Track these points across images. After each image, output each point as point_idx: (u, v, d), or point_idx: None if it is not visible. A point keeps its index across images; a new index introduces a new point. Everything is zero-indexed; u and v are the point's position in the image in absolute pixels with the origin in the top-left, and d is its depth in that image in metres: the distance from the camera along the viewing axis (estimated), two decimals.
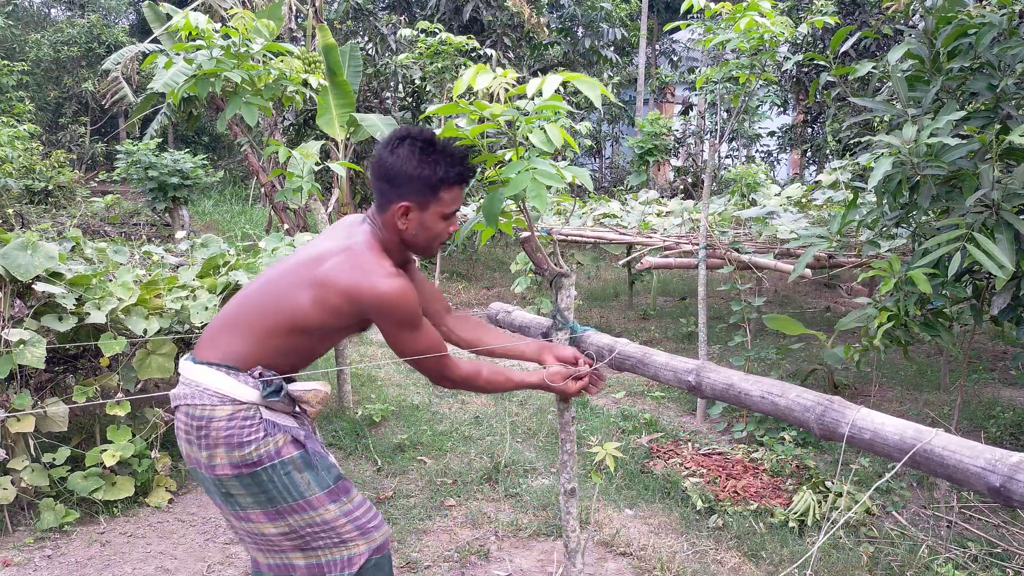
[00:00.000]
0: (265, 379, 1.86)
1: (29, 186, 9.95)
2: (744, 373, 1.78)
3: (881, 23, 6.07)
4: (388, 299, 1.79)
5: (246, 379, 1.86)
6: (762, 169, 7.68)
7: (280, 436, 1.86)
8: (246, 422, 1.84)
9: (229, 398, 1.84)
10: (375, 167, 1.90)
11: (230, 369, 1.86)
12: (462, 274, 10.33)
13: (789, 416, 1.62)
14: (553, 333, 2.21)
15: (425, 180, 1.84)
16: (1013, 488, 1.20)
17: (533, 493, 3.64)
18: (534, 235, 2.01)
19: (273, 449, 1.84)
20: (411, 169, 1.83)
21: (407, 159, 1.83)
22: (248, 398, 1.85)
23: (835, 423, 1.51)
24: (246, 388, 1.85)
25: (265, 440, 1.84)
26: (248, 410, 1.85)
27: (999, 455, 1.25)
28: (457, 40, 8.40)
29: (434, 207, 1.88)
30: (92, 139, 17.93)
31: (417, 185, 1.84)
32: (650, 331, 7.23)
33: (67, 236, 4.31)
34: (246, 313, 1.92)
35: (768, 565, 3.01)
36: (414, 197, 1.86)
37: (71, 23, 18.13)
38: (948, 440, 1.33)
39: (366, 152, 10.78)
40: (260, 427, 1.84)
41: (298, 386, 1.91)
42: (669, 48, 18.54)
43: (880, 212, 3.01)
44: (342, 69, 8.65)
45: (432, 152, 1.84)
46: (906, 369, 5.86)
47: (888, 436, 1.41)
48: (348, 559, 1.91)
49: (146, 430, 3.58)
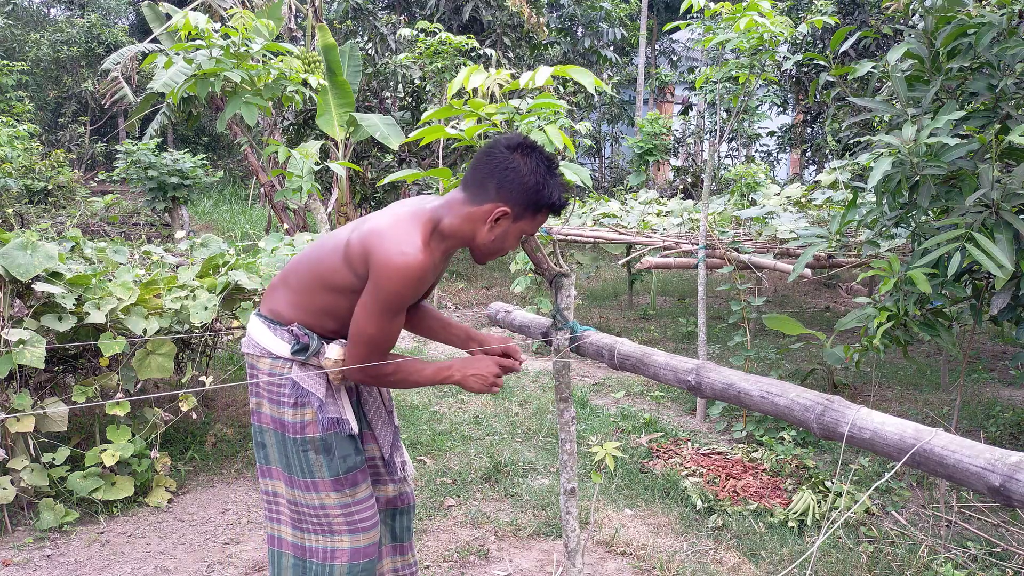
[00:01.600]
0: (295, 335, 1.89)
1: (29, 186, 9.95)
2: (744, 373, 1.78)
3: (881, 23, 6.07)
4: (390, 267, 1.73)
5: (283, 333, 1.90)
6: (762, 169, 7.69)
7: (309, 411, 1.89)
8: (283, 382, 1.90)
9: (267, 351, 1.91)
10: (492, 159, 1.80)
11: (271, 323, 1.92)
12: (462, 274, 10.33)
13: (789, 416, 1.62)
14: (553, 333, 2.21)
15: (535, 196, 1.79)
16: (1013, 488, 1.20)
17: (533, 493, 3.64)
18: (533, 235, 2.01)
19: (299, 422, 1.89)
20: (531, 180, 1.78)
21: (533, 169, 1.78)
22: (281, 352, 1.90)
23: (835, 423, 1.51)
24: (280, 343, 1.90)
25: (295, 411, 1.89)
26: (284, 367, 1.90)
27: (999, 455, 1.25)
28: (457, 40, 8.39)
29: (524, 223, 1.84)
30: (92, 139, 17.93)
31: (526, 197, 1.79)
32: (650, 331, 7.23)
33: (67, 236, 4.31)
34: (295, 269, 1.96)
35: (768, 565, 3.01)
36: (517, 207, 1.80)
37: (71, 23, 18.13)
38: (948, 440, 1.33)
39: (366, 152, 10.77)
40: (293, 393, 1.89)
41: (324, 350, 1.92)
42: (669, 48, 18.55)
43: (880, 212, 3.01)
44: (342, 69, 8.66)
45: (553, 174, 1.81)
46: (906, 369, 5.86)
47: (888, 436, 1.41)
48: (331, 551, 1.95)
49: (146, 430, 3.57)
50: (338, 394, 1.96)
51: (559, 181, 1.83)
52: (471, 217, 1.82)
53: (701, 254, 4.68)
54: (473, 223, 1.82)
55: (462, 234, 1.84)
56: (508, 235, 1.85)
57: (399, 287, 1.74)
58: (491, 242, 1.85)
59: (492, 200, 1.79)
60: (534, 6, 12.41)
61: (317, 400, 1.90)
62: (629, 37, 15.06)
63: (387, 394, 2.18)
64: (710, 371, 1.84)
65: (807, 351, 6.28)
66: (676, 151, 14.79)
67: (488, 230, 1.82)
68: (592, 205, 7.49)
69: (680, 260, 5.53)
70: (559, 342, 2.19)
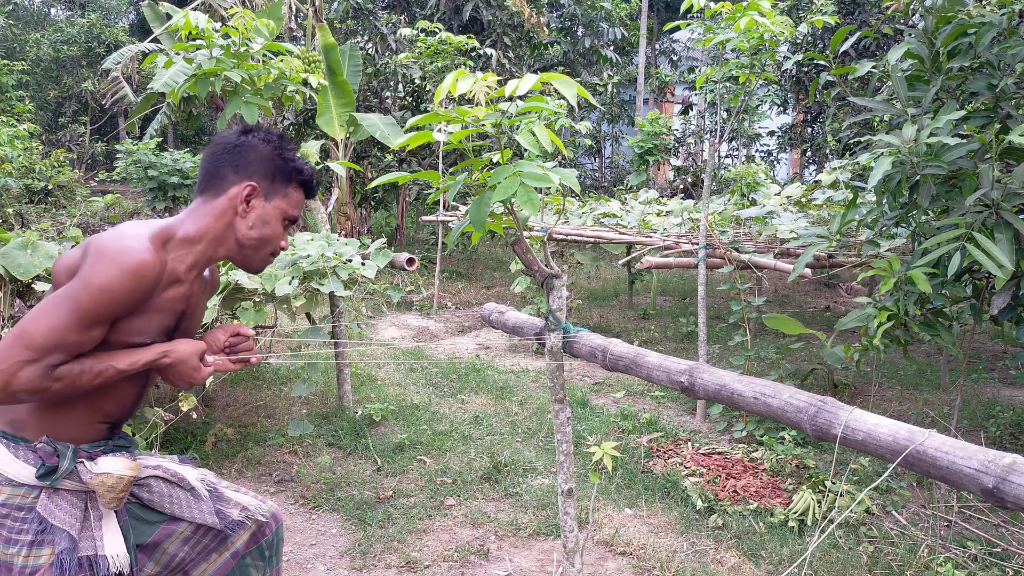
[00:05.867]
0: (40, 454, 1.50)
1: (29, 186, 9.96)
2: (737, 374, 1.77)
3: (881, 23, 6.07)
4: (105, 254, 1.44)
5: (25, 453, 1.50)
6: (762, 169, 7.69)
7: (46, 553, 1.48)
8: (19, 512, 1.49)
9: (4, 477, 1.49)
10: (218, 149, 1.63)
11: (10, 440, 1.52)
12: (462, 274, 10.33)
13: (783, 417, 1.62)
14: (546, 335, 2.20)
15: (277, 162, 1.65)
16: (1006, 490, 1.20)
17: (533, 492, 3.64)
18: (523, 237, 1.99)
19: (30, 567, 1.47)
20: (267, 149, 1.64)
21: (264, 139, 1.65)
22: (21, 478, 1.49)
23: (828, 424, 1.51)
24: (21, 465, 1.49)
25: (29, 551, 1.48)
26: (25, 496, 1.49)
27: (992, 456, 1.25)
28: (457, 40, 8.40)
29: (279, 200, 1.66)
30: (92, 139, 17.94)
31: (269, 165, 1.64)
32: (650, 331, 7.23)
33: (67, 236, 4.31)
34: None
35: (768, 565, 3.01)
36: (263, 180, 1.63)
37: (71, 23, 18.15)
38: (941, 441, 1.33)
39: (366, 152, 10.78)
40: (30, 527, 1.49)
41: (92, 467, 1.53)
42: (669, 48, 18.55)
43: (880, 212, 3.01)
44: (342, 69, 8.66)
45: (289, 145, 1.69)
46: (906, 369, 5.86)
47: (881, 437, 1.41)
48: None
49: (146, 429, 3.58)
50: (100, 522, 1.56)
51: (300, 154, 1.71)
52: (217, 211, 1.61)
53: (701, 254, 4.68)
54: (223, 216, 1.62)
55: (214, 234, 1.61)
56: (268, 219, 1.65)
57: (107, 280, 1.42)
58: (252, 231, 1.63)
59: (234, 183, 1.62)
60: (534, 6, 12.41)
61: (66, 539, 1.49)
62: (629, 37, 15.07)
63: (185, 469, 1.78)
64: (703, 372, 1.83)
65: (807, 351, 6.28)
66: (676, 151, 14.78)
67: (243, 218, 1.62)
68: (592, 205, 7.49)
69: (680, 260, 5.53)
70: (552, 344, 2.19)
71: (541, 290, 6.88)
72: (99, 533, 1.55)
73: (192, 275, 1.61)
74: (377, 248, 4.24)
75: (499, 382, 5.50)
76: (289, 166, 1.66)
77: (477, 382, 5.50)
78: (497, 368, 5.99)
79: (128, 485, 1.55)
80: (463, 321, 7.77)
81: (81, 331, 1.43)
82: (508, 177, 1.77)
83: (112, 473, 1.52)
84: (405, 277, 9.03)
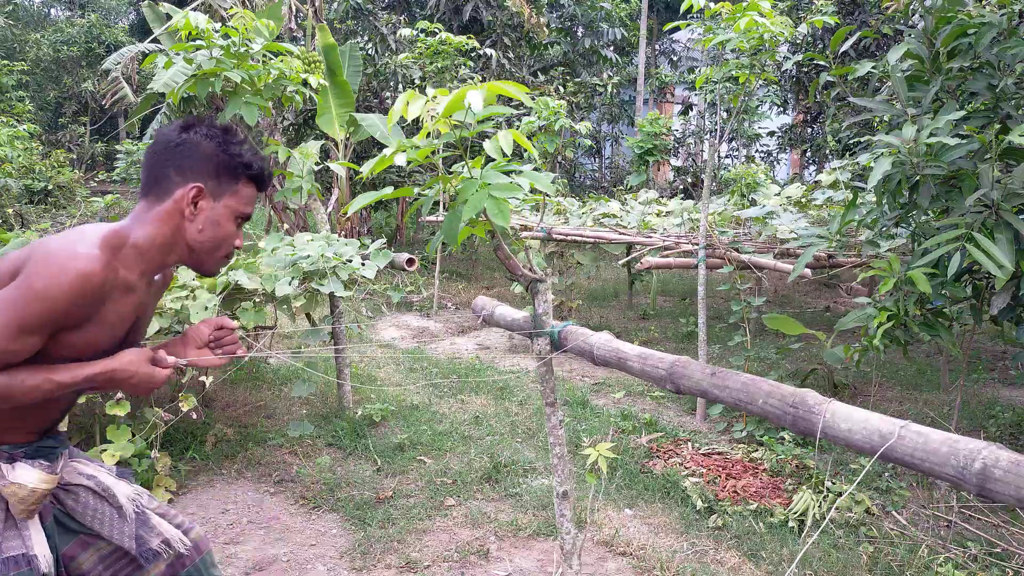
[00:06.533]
0: None
1: (29, 186, 9.95)
2: (711, 377, 1.76)
3: (881, 23, 6.07)
4: (50, 261, 1.37)
5: None
6: (762, 169, 7.69)
7: None
8: None
9: None
10: (158, 149, 1.54)
11: None
12: (462, 274, 10.33)
13: (766, 414, 1.64)
14: (533, 340, 2.20)
15: (222, 158, 1.55)
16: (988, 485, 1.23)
17: (533, 493, 3.64)
18: (502, 244, 1.98)
19: None
20: (209, 145, 1.54)
21: (207, 135, 1.55)
22: None
23: (808, 425, 1.54)
24: None
25: None
26: None
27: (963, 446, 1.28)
28: (457, 40, 8.40)
29: (228, 199, 1.57)
30: (92, 139, 17.95)
31: (213, 163, 1.54)
32: (650, 331, 7.23)
33: None
34: None
35: (768, 565, 3.01)
36: (209, 179, 1.54)
37: (71, 23, 18.16)
38: (916, 431, 1.37)
39: (366, 152, 10.78)
40: None
41: (8, 472, 1.47)
42: (669, 48, 18.56)
43: (880, 212, 3.01)
44: (342, 69, 8.66)
45: (235, 138, 1.59)
46: (906, 369, 5.86)
47: (857, 439, 1.44)
48: None
49: (146, 430, 3.58)
50: (23, 524, 1.50)
51: (248, 146, 1.60)
52: (164, 216, 1.53)
53: (701, 254, 4.68)
54: (171, 221, 1.53)
55: (163, 240, 1.53)
56: (219, 220, 1.56)
57: (47, 286, 1.35)
58: (202, 234, 1.55)
59: (178, 185, 1.53)
60: (534, 6, 12.42)
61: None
62: (629, 37, 15.08)
63: (119, 485, 1.69)
64: (682, 376, 1.83)
65: (807, 351, 6.28)
66: (676, 151, 14.79)
67: (191, 222, 1.54)
68: (592, 205, 7.49)
69: (680, 260, 5.53)
70: (540, 348, 2.18)
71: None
72: (27, 532, 1.49)
73: (144, 282, 1.56)
74: (377, 248, 4.24)
75: (499, 382, 5.50)
76: (235, 162, 1.56)
77: (477, 382, 5.51)
78: (497, 368, 5.99)
79: (41, 498, 1.48)
80: (463, 321, 7.77)
81: (13, 339, 1.36)
82: (475, 192, 1.74)
83: (25, 485, 1.45)
84: (405, 277, 9.03)
